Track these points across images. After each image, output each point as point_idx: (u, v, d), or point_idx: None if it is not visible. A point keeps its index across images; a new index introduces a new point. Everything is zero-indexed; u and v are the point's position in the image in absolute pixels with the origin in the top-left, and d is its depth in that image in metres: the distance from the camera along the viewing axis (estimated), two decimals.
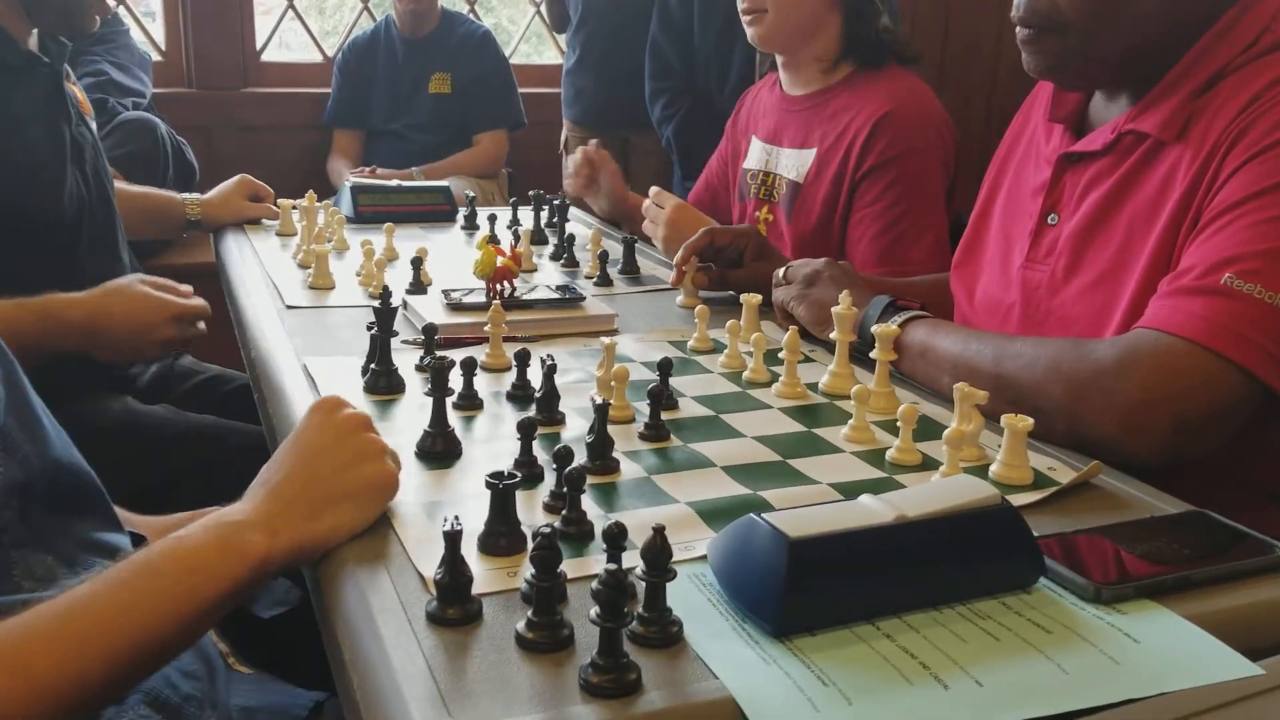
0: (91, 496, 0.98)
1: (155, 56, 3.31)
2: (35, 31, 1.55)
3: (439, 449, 0.96)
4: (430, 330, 1.17)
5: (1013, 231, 1.28)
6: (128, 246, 1.73)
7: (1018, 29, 1.17)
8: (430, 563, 0.75)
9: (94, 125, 1.70)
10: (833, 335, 1.19)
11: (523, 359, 1.11)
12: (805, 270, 1.35)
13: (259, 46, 3.49)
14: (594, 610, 0.64)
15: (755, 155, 1.90)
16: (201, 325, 1.55)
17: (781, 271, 1.39)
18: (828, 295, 1.28)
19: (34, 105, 1.52)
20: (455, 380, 1.04)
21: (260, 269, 1.60)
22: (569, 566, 0.73)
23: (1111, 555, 0.80)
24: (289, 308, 1.41)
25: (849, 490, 0.91)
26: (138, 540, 1.03)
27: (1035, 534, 0.78)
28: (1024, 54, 1.18)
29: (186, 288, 1.55)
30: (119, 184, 1.87)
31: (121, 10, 3.09)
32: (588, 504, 0.84)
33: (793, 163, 1.81)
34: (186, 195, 1.96)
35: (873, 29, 1.75)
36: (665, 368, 1.08)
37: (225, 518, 0.78)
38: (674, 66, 2.81)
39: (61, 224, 1.54)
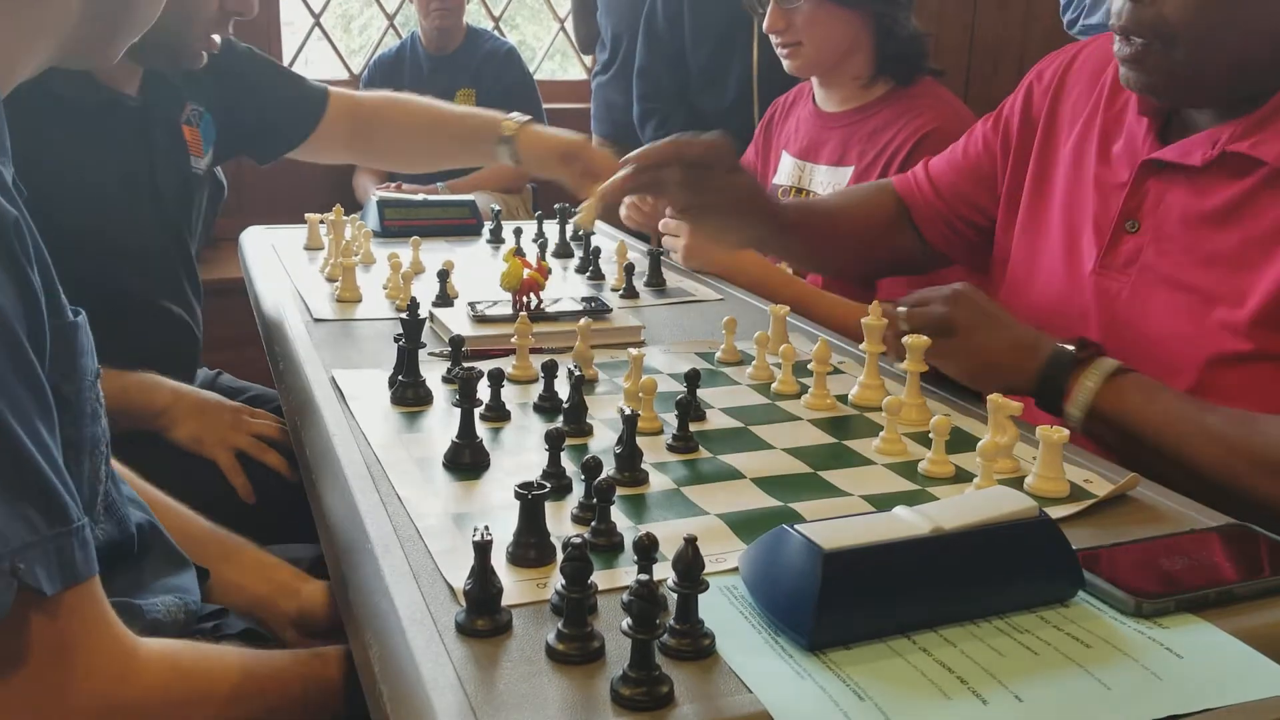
0: (155, 539, 0.99)
1: None
2: (141, 71, 1.54)
3: (467, 460, 0.95)
4: (457, 342, 1.17)
5: (1077, 223, 1.24)
6: (198, 293, 1.71)
7: (1117, 43, 1.13)
8: (459, 574, 0.74)
9: (199, 166, 1.65)
10: (862, 347, 1.18)
11: (550, 370, 1.10)
12: (945, 310, 1.13)
13: (286, 63, 3.52)
14: (625, 621, 0.63)
15: (786, 171, 1.89)
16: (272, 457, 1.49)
17: (906, 306, 1.17)
18: (992, 342, 1.12)
19: (105, 147, 1.50)
20: (482, 391, 1.04)
21: (289, 282, 1.61)
22: (598, 578, 0.72)
23: (1151, 568, 0.78)
24: (317, 320, 1.41)
25: (881, 502, 0.90)
26: (201, 574, 1.03)
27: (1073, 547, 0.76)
28: (1123, 69, 1.14)
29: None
30: (437, 105, 1.88)
31: None
32: (616, 515, 0.83)
33: (828, 179, 1.80)
34: (507, 115, 1.89)
35: (903, 42, 1.75)
36: (693, 379, 1.07)
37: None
38: (664, 87, 2.75)
39: (127, 266, 1.53)
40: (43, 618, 0.67)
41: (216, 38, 1.50)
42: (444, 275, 1.47)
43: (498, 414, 1.07)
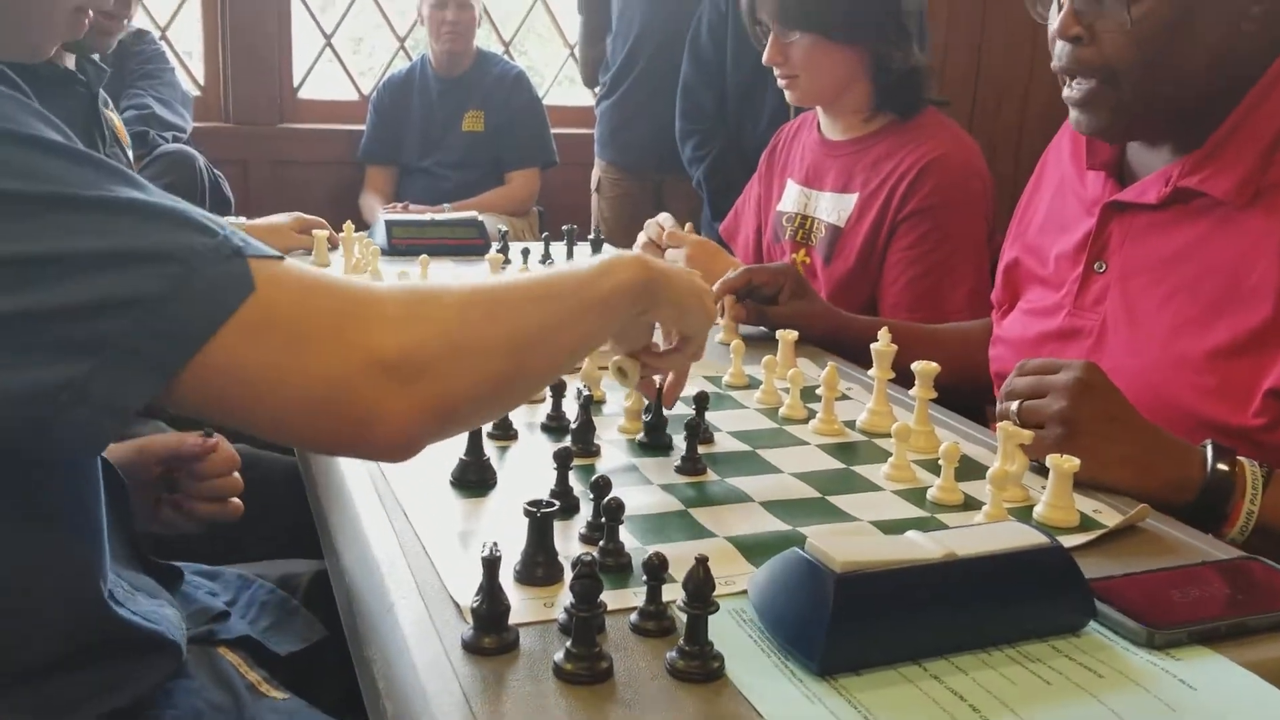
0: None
1: (194, 92, 3.36)
2: (70, 54, 1.58)
3: (473, 477, 0.95)
4: None
5: (1051, 282, 1.27)
6: None
7: (1065, 88, 1.15)
8: (465, 591, 0.74)
9: (130, 154, 1.72)
10: (871, 373, 1.17)
11: (558, 390, 1.10)
12: (1066, 408, 0.98)
13: (296, 83, 3.54)
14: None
15: (791, 198, 1.90)
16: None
17: (1018, 397, 1.04)
18: (1132, 454, 0.98)
19: (68, 121, 1.53)
20: None
21: None
22: (606, 598, 0.72)
23: (1163, 599, 0.78)
24: None
25: (891, 528, 0.89)
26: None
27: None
28: (1072, 112, 1.16)
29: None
30: None
31: (165, 48, 3.15)
32: (624, 536, 0.83)
33: (832, 206, 1.81)
34: (229, 219, 1.97)
35: (901, 76, 1.75)
36: (701, 401, 1.07)
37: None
38: (706, 107, 2.81)
39: None
40: (298, 286, 0.69)
41: (132, 25, 1.56)
42: None
43: (505, 432, 1.06)
